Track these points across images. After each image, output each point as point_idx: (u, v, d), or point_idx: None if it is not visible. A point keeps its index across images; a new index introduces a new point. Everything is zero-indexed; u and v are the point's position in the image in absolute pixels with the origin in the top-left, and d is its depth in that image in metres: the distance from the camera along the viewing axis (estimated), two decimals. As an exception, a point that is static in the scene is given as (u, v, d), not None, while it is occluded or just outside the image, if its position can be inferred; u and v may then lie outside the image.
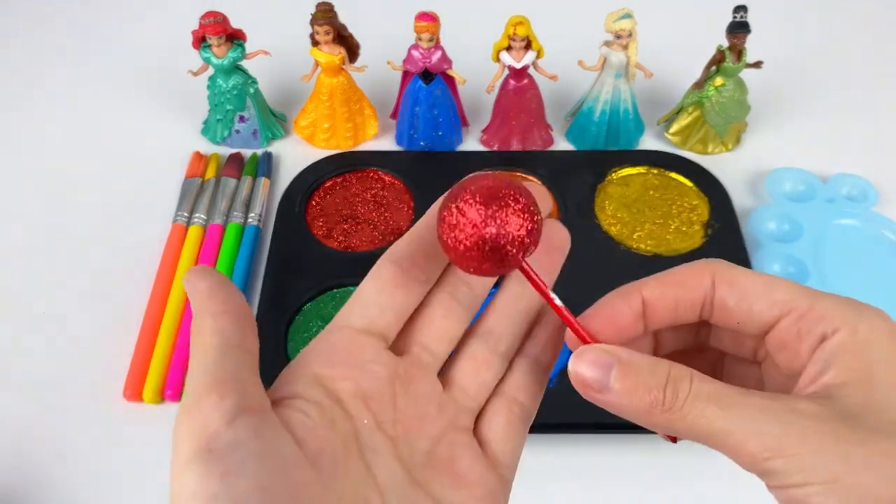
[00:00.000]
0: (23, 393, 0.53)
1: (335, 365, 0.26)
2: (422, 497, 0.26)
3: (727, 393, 0.24)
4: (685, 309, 0.27)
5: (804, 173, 0.64)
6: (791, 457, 0.22)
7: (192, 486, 0.22)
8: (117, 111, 0.72)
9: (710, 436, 0.24)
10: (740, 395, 0.24)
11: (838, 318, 0.24)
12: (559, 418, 0.49)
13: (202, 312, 0.25)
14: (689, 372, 0.24)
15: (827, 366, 0.24)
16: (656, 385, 0.25)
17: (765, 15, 0.64)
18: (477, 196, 0.25)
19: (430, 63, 0.62)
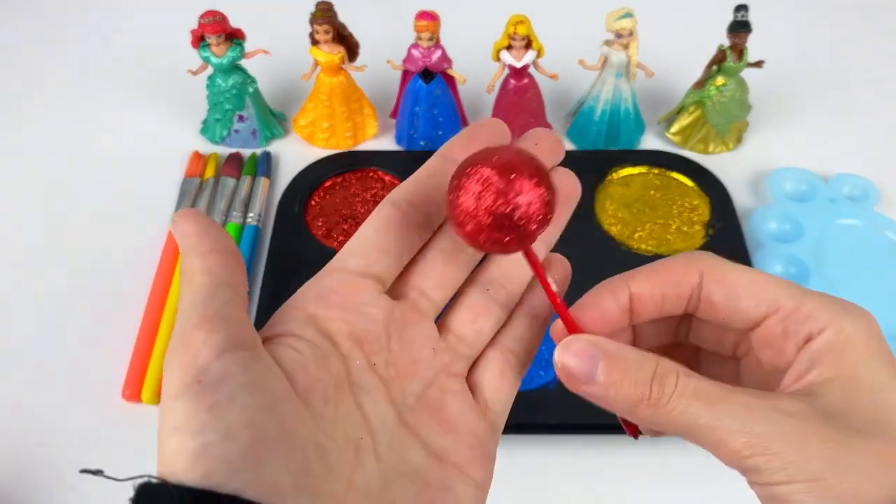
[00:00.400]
0: (22, 393, 0.53)
1: (330, 306, 0.26)
2: (410, 440, 0.26)
3: (713, 389, 0.24)
4: (671, 303, 0.27)
5: (805, 173, 0.64)
6: (774, 455, 0.22)
7: (179, 417, 0.22)
8: (116, 111, 0.72)
9: (695, 431, 0.24)
10: (725, 392, 0.24)
11: (825, 318, 0.25)
12: (559, 418, 0.49)
13: (190, 252, 0.25)
14: (676, 367, 0.24)
15: (812, 364, 0.24)
16: (643, 380, 0.24)
17: (766, 14, 0.64)
18: (490, 177, 0.24)
19: (430, 62, 0.62)
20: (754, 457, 0.23)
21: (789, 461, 0.22)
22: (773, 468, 0.22)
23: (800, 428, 0.23)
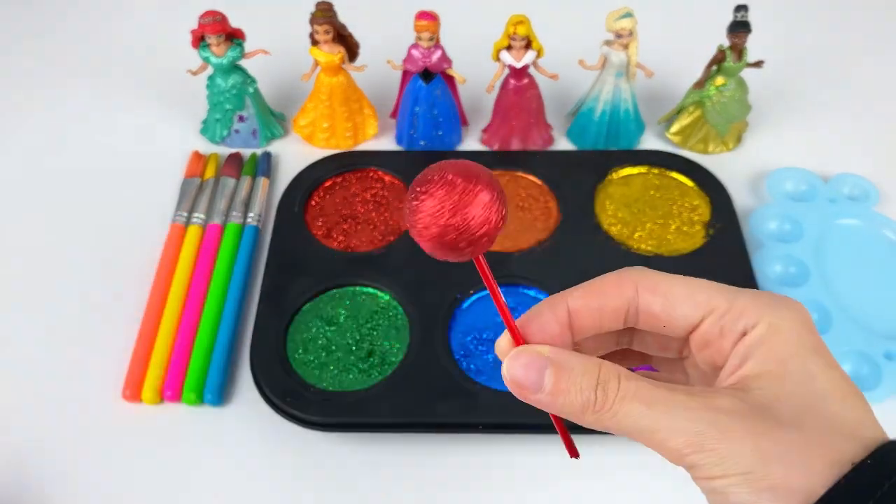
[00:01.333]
0: (22, 393, 0.53)
1: None
2: None
3: (652, 391, 0.25)
4: (609, 317, 0.28)
5: (805, 173, 0.64)
6: (710, 451, 0.24)
7: None
8: (116, 111, 0.72)
9: (637, 433, 0.25)
10: (665, 393, 0.25)
11: (757, 314, 0.26)
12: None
13: None
14: (617, 371, 0.25)
15: (744, 359, 0.25)
16: (588, 386, 0.25)
17: (766, 14, 0.64)
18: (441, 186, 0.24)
19: (430, 62, 0.62)
20: (693, 454, 0.24)
21: (724, 457, 0.23)
22: (710, 464, 0.24)
23: (732, 424, 0.24)
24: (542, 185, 0.63)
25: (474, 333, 0.54)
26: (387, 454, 0.51)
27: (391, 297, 0.56)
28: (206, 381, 0.53)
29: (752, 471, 0.23)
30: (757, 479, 0.23)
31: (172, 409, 0.53)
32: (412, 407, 0.50)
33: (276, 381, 0.51)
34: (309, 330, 0.54)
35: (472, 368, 0.52)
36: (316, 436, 0.50)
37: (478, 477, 0.50)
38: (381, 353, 0.53)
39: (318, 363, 0.53)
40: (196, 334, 0.55)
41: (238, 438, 0.51)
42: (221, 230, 0.61)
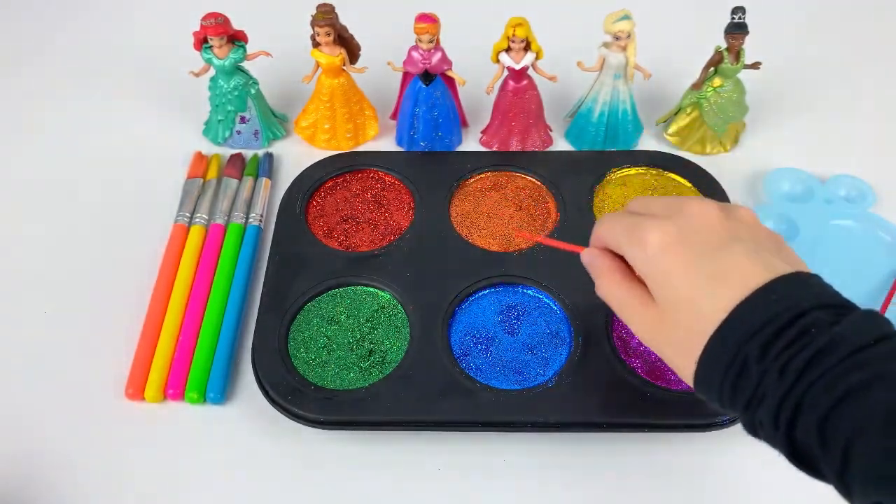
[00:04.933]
0: (24, 392, 0.54)
1: None
2: None
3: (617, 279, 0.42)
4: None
5: (802, 174, 0.65)
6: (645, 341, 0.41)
7: None
8: (119, 112, 0.72)
9: (613, 308, 0.43)
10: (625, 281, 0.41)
11: (626, 255, 0.41)
12: (559, 418, 0.50)
13: None
14: (604, 269, 0.43)
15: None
16: (589, 266, 0.45)
17: (763, 16, 0.64)
18: None
19: (430, 64, 0.62)
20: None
21: (647, 341, 0.41)
22: (645, 342, 0.41)
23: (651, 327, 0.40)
24: (541, 185, 0.64)
25: (474, 332, 0.55)
26: (387, 452, 0.51)
27: (392, 297, 0.56)
28: (209, 379, 0.53)
29: (657, 352, 0.40)
30: (666, 360, 0.40)
31: (175, 407, 0.53)
32: (412, 405, 0.50)
33: (277, 380, 0.51)
34: (310, 329, 0.55)
35: (473, 367, 0.53)
36: (317, 433, 0.51)
37: (478, 475, 0.50)
38: (381, 352, 0.54)
39: (320, 362, 0.53)
40: (199, 333, 0.55)
41: (240, 436, 0.52)
42: (224, 230, 0.61)
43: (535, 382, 0.52)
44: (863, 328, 0.33)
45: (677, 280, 0.37)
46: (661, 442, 0.51)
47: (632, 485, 0.50)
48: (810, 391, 0.32)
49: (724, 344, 0.34)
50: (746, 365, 0.34)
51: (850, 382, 0.31)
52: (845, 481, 0.31)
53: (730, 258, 0.36)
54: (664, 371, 0.52)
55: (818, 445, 0.32)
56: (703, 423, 0.50)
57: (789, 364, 0.32)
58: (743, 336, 0.34)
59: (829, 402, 0.31)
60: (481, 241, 0.60)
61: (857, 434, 0.30)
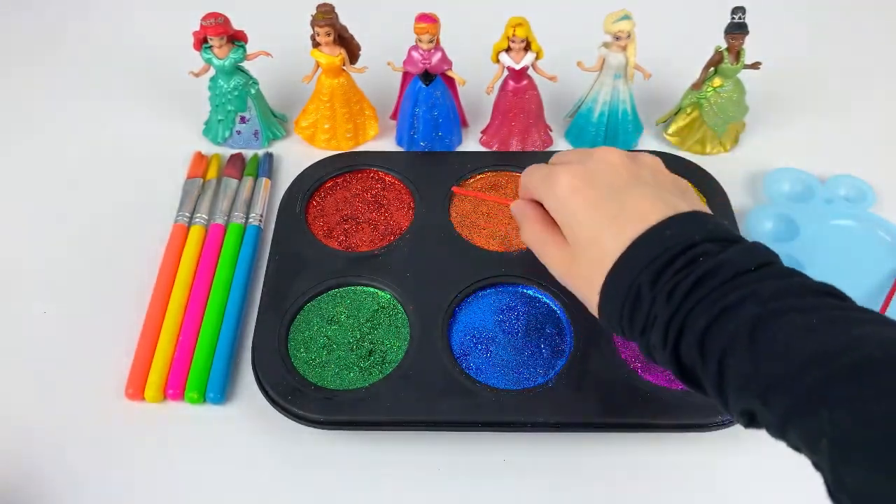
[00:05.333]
0: (24, 392, 0.54)
1: None
2: None
3: (537, 227, 0.45)
4: None
5: (802, 174, 0.65)
6: (559, 278, 0.44)
7: None
8: (118, 112, 0.73)
9: (535, 252, 0.46)
10: (544, 241, 0.44)
11: (540, 198, 0.44)
12: (559, 418, 0.50)
13: None
14: (525, 216, 0.46)
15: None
16: (517, 214, 0.48)
17: (763, 16, 0.64)
18: None
19: (430, 64, 0.62)
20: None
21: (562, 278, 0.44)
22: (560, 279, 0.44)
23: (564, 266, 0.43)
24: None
25: (474, 332, 0.55)
26: (387, 452, 0.51)
27: (392, 297, 0.56)
28: (209, 379, 0.53)
29: (570, 287, 0.43)
30: (578, 294, 0.42)
31: (175, 407, 0.53)
32: (412, 405, 0.50)
33: (277, 380, 0.52)
34: (310, 329, 0.55)
35: (473, 367, 0.53)
36: (317, 433, 0.51)
37: (478, 475, 0.50)
38: (381, 352, 0.54)
39: (320, 362, 0.53)
40: (199, 333, 0.55)
41: (240, 436, 0.52)
42: (224, 230, 0.61)
43: (535, 382, 0.52)
44: (745, 255, 0.36)
45: (583, 219, 0.40)
46: (661, 442, 0.51)
47: (632, 485, 0.50)
48: (693, 311, 0.35)
49: (621, 276, 0.37)
50: (640, 293, 0.36)
51: (726, 301, 0.34)
52: (722, 392, 0.34)
53: (631, 198, 0.39)
54: (664, 371, 0.52)
55: (700, 362, 0.35)
56: (703, 423, 0.50)
57: (676, 288, 0.35)
58: (637, 267, 0.37)
59: (707, 319, 0.34)
60: (481, 241, 0.60)
61: (728, 346, 0.33)
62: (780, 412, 0.32)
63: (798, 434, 0.31)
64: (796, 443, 0.32)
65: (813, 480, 0.33)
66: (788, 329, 0.32)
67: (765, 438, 0.35)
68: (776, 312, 0.33)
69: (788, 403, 0.31)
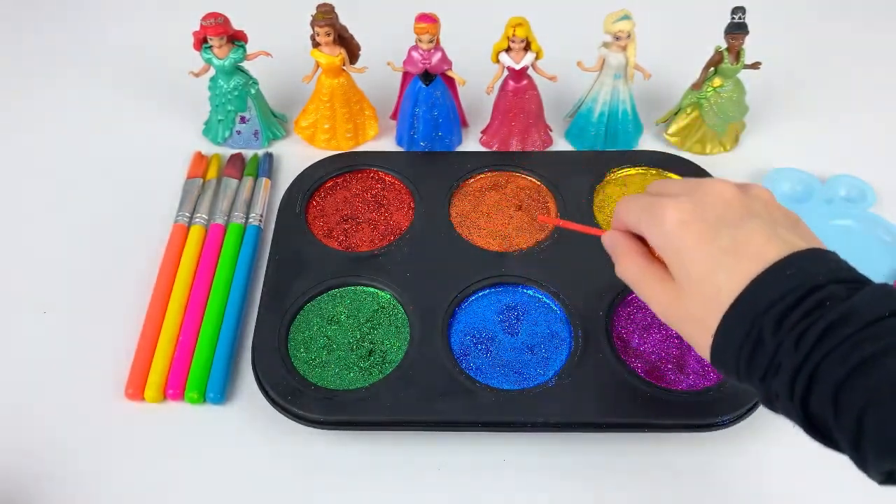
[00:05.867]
0: (24, 392, 0.54)
1: None
2: None
3: (637, 261, 0.42)
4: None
5: (802, 174, 0.65)
6: (661, 316, 0.41)
7: None
8: (119, 112, 0.73)
9: (630, 285, 0.43)
10: (646, 263, 0.42)
11: (644, 232, 0.41)
12: (559, 418, 0.50)
13: None
14: (623, 250, 0.43)
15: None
16: (609, 248, 0.45)
17: (763, 16, 0.64)
18: None
19: (429, 64, 0.62)
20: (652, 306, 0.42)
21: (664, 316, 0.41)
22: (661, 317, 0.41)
23: (669, 304, 0.40)
24: (541, 185, 0.64)
25: (474, 332, 0.55)
26: (387, 452, 0.51)
27: (392, 297, 0.56)
28: (209, 379, 0.53)
29: (674, 327, 0.40)
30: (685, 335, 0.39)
31: (175, 407, 0.53)
32: (412, 405, 0.50)
33: (277, 380, 0.52)
34: (310, 329, 0.55)
35: (473, 367, 0.53)
36: (317, 434, 0.51)
37: (477, 475, 0.50)
38: (381, 352, 0.54)
39: (320, 362, 0.53)
40: (199, 333, 0.55)
41: (240, 437, 0.52)
42: (224, 230, 0.61)
43: (535, 382, 0.52)
44: (877, 301, 0.33)
45: (694, 255, 0.37)
46: (661, 442, 0.51)
47: (632, 485, 0.50)
48: (825, 362, 0.32)
49: (740, 317, 0.35)
50: (762, 337, 0.34)
51: (863, 353, 0.32)
52: (861, 450, 0.32)
53: (745, 233, 0.37)
54: (664, 371, 0.52)
55: (832, 415, 0.32)
56: (703, 423, 0.50)
57: (804, 335, 0.33)
58: (759, 309, 0.34)
59: (843, 372, 0.32)
60: (481, 241, 0.60)
61: (870, 402, 0.31)
62: None
63: None
64: None
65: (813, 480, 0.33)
66: None
67: (764, 439, 0.35)
68: None
69: None
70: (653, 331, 0.54)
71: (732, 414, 0.49)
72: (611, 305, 0.55)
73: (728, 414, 0.49)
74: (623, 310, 0.56)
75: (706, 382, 0.52)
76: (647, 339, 0.54)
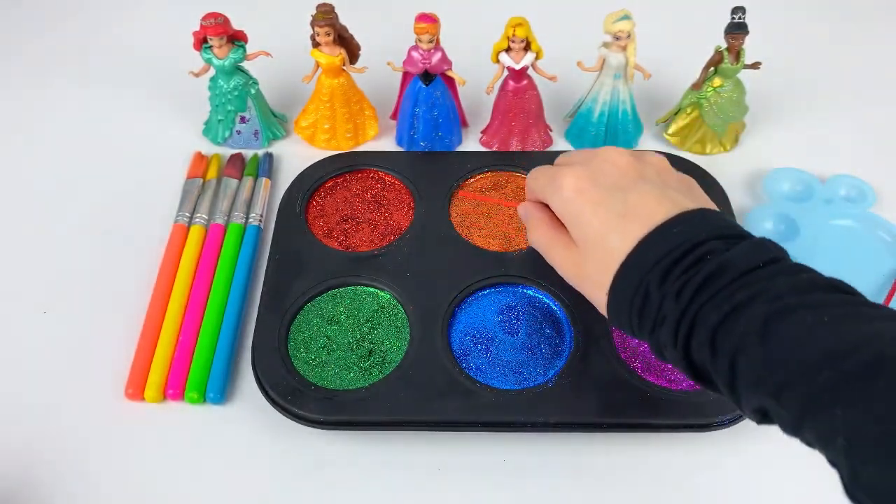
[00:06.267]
0: (24, 392, 0.54)
1: None
2: None
3: (544, 228, 0.45)
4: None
5: (802, 173, 0.65)
6: (569, 279, 0.44)
7: None
8: (118, 112, 0.73)
9: (542, 253, 0.46)
10: (553, 244, 0.45)
11: (546, 200, 0.44)
12: (559, 418, 0.50)
13: None
14: (535, 219, 0.46)
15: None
16: (524, 216, 0.48)
17: (763, 16, 0.64)
18: None
19: (429, 64, 0.62)
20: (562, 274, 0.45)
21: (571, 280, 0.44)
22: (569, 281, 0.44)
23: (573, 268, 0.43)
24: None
25: (474, 332, 0.55)
26: (387, 452, 0.51)
27: (392, 297, 0.56)
28: (209, 379, 0.53)
29: (579, 289, 0.43)
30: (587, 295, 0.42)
31: (175, 407, 0.53)
32: (412, 405, 0.50)
33: (277, 380, 0.52)
34: (310, 329, 0.55)
35: (473, 367, 0.53)
36: (317, 434, 0.51)
37: (478, 475, 0.50)
38: (381, 352, 0.54)
39: (320, 362, 0.53)
40: (198, 333, 0.55)
41: (240, 437, 0.52)
42: (224, 230, 0.61)
43: (535, 382, 0.52)
44: (751, 252, 0.36)
45: (590, 219, 0.40)
46: (661, 442, 0.51)
47: (632, 485, 0.50)
48: (702, 310, 0.35)
49: (629, 275, 0.38)
50: (649, 292, 0.37)
51: (734, 300, 0.34)
52: (735, 390, 0.34)
53: (637, 197, 0.39)
54: (664, 371, 0.52)
55: (710, 359, 0.35)
56: (703, 423, 0.50)
57: (685, 287, 0.36)
58: (645, 266, 0.37)
59: (717, 318, 0.34)
60: (481, 241, 0.60)
61: (740, 345, 0.34)
62: (794, 411, 0.32)
63: (813, 432, 0.32)
64: (811, 440, 0.32)
65: (813, 480, 0.33)
66: (799, 327, 0.33)
67: (764, 439, 0.35)
68: (786, 310, 0.33)
69: (802, 402, 0.32)
70: (653, 331, 0.55)
71: (732, 414, 0.49)
72: (611, 305, 0.55)
73: (727, 414, 0.49)
74: (623, 310, 0.56)
75: (706, 382, 0.52)
76: (647, 339, 0.54)
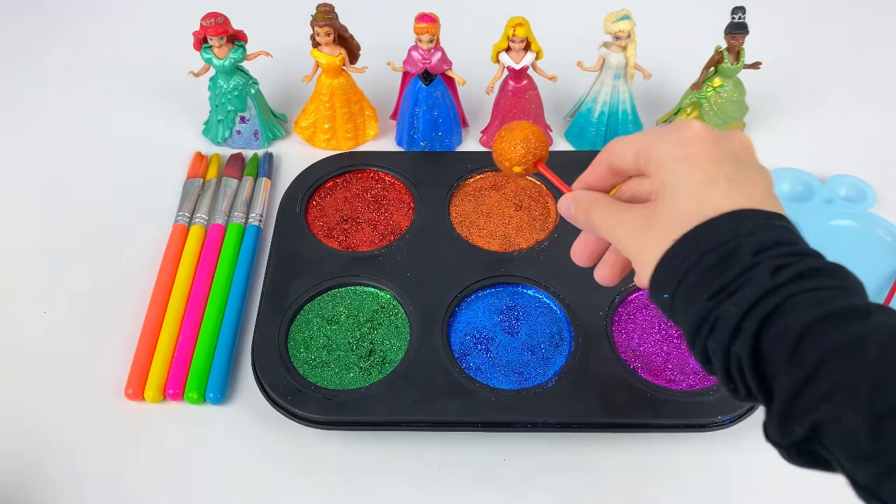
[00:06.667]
0: (24, 392, 0.54)
1: None
2: None
3: (612, 208, 0.40)
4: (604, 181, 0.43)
5: (803, 173, 0.65)
6: (626, 248, 0.38)
7: None
8: (119, 112, 0.73)
9: (604, 232, 0.40)
10: (618, 208, 0.40)
11: (651, 148, 0.38)
12: (559, 418, 0.50)
13: None
14: (596, 197, 0.42)
15: (651, 181, 0.38)
16: (580, 202, 0.42)
17: (763, 16, 0.64)
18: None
19: (429, 64, 0.62)
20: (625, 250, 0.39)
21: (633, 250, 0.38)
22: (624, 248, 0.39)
23: (640, 226, 0.38)
24: (541, 185, 0.64)
25: (474, 332, 0.55)
26: (387, 452, 0.51)
27: (392, 297, 0.56)
28: (209, 379, 0.53)
29: (634, 256, 0.38)
30: (642, 263, 0.37)
31: (175, 407, 0.53)
32: (412, 405, 0.50)
33: (277, 380, 0.52)
34: (310, 329, 0.55)
35: (473, 367, 0.53)
36: (317, 434, 0.51)
37: (478, 475, 0.50)
38: (381, 352, 0.54)
39: (320, 362, 0.53)
40: (198, 333, 0.55)
41: (240, 437, 0.52)
42: (224, 230, 0.61)
43: (535, 382, 0.52)
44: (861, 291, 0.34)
45: (700, 166, 0.37)
46: (661, 442, 0.51)
47: (632, 485, 0.50)
48: (795, 298, 0.33)
49: (716, 229, 0.35)
50: (738, 250, 0.35)
51: (832, 306, 0.32)
52: (801, 396, 0.32)
53: (750, 176, 0.37)
54: (664, 371, 0.52)
55: (787, 356, 0.32)
56: (703, 423, 0.50)
57: (783, 268, 0.34)
58: (744, 229, 0.35)
59: (809, 317, 0.32)
60: (481, 241, 0.60)
61: (826, 361, 0.31)
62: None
63: None
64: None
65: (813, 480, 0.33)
66: None
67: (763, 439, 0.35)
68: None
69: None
70: (653, 331, 0.55)
71: (732, 414, 0.49)
72: (611, 305, 0.55)
73: (727, 414, 0.49)
74: (623, 310, 0.56)
75: (706, 382, 0.52)
76: (647, 339, 0.54)
